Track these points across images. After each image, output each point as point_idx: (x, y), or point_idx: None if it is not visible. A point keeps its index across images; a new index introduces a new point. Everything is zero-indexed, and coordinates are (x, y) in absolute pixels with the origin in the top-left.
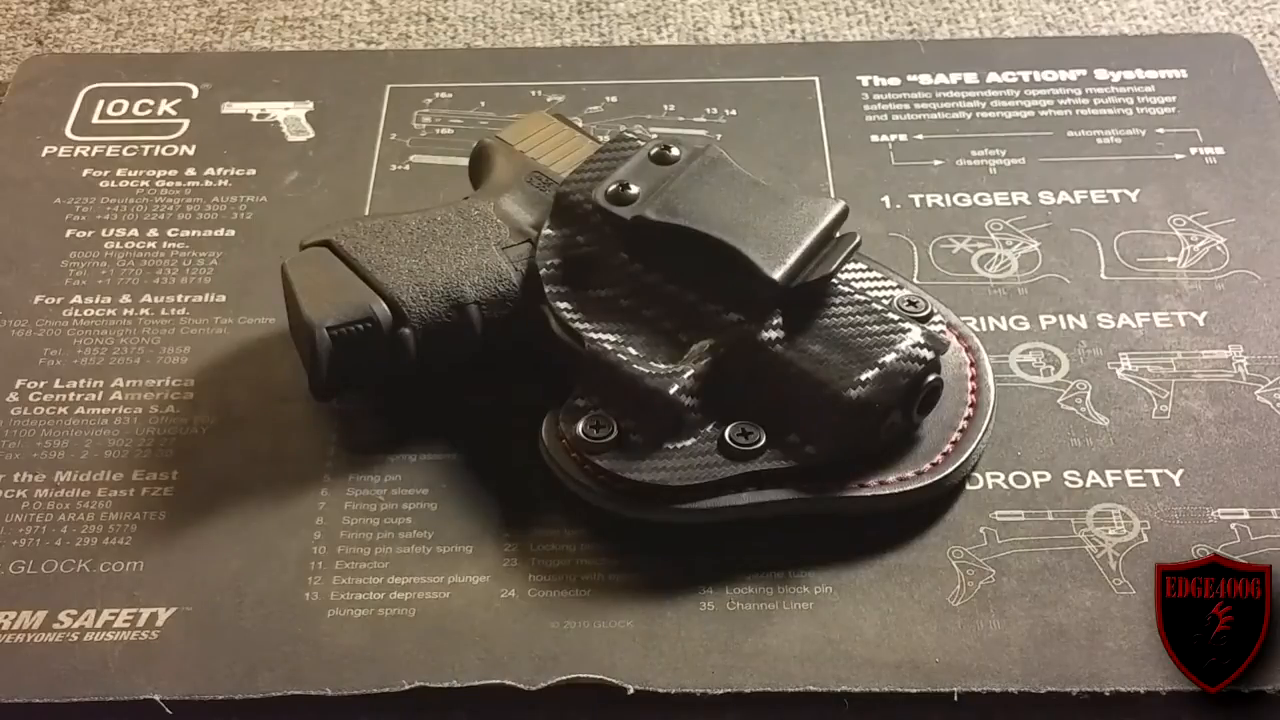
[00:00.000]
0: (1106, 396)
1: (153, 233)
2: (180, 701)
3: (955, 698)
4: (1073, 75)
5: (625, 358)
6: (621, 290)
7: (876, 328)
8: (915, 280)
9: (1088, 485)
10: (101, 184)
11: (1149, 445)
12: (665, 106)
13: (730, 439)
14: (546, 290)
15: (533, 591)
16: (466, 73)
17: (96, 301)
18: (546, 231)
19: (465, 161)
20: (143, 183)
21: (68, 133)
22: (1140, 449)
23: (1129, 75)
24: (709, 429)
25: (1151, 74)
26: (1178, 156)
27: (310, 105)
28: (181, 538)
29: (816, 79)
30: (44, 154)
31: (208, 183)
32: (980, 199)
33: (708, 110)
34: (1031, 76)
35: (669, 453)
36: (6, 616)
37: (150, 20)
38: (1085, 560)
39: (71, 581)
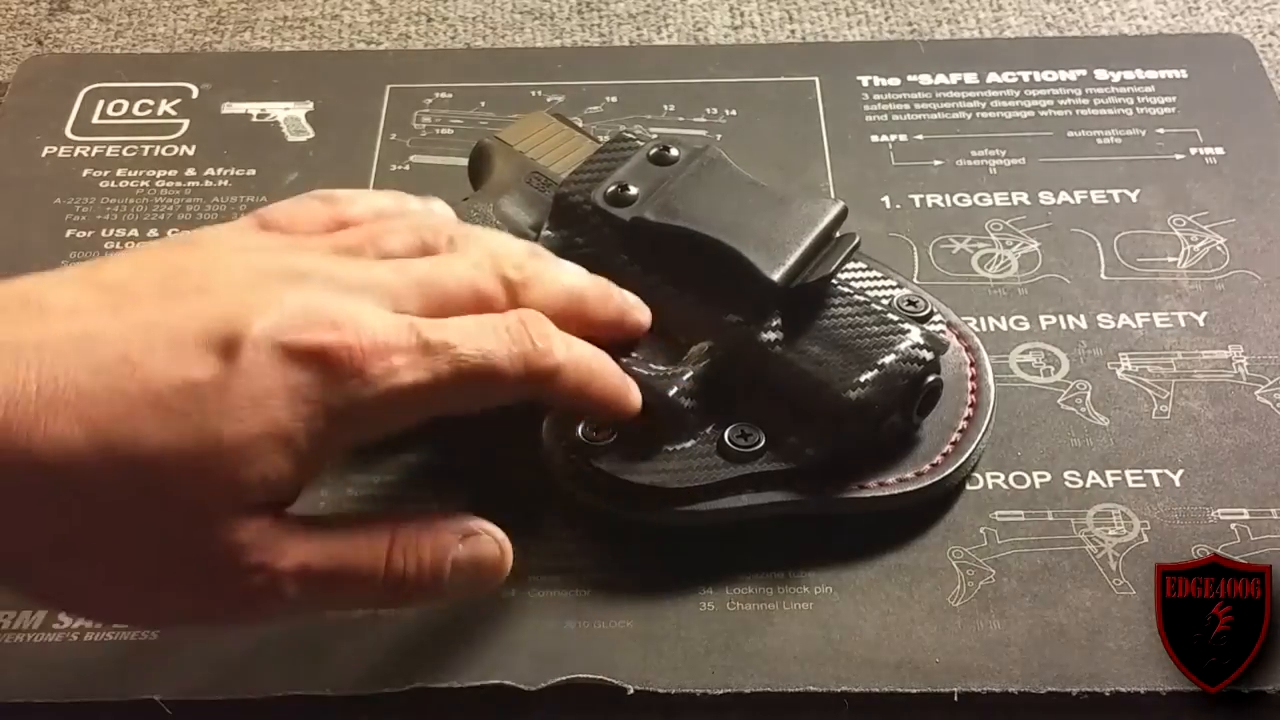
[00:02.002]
0: (1106, 397)
1: (153, 233)
2: (180, 701)
3: (955, 698)
4: (1073, 75)
5: (625, 359)
6: None
7: (876, 328)
8: (915, 280)
9: (1088, 485)
10: (101, 184)
11: (1149, 445)
12: (665, 106)
13: (730, 441)
14: None
15: (533, 591)
16: (466, 73)
17: None
18: (546, 232)
19: (465, 161)
20: (143, 183)
21: (68, 133)
22: (1140, 449)
23: (1129, 75)
24: (708, 431)
25: (1151, 74)
26: (1178, 156)
27: (310, 105)
28: None
29: (816, 79)
30: (44, 154)
31: (208, 183)
32: (980, 199)
33: (708, 110)
34: (1031, 76)
35: (668, 455)
36: (6, 616)
37: (150, 20)
38: (1085, 560)
39: None
